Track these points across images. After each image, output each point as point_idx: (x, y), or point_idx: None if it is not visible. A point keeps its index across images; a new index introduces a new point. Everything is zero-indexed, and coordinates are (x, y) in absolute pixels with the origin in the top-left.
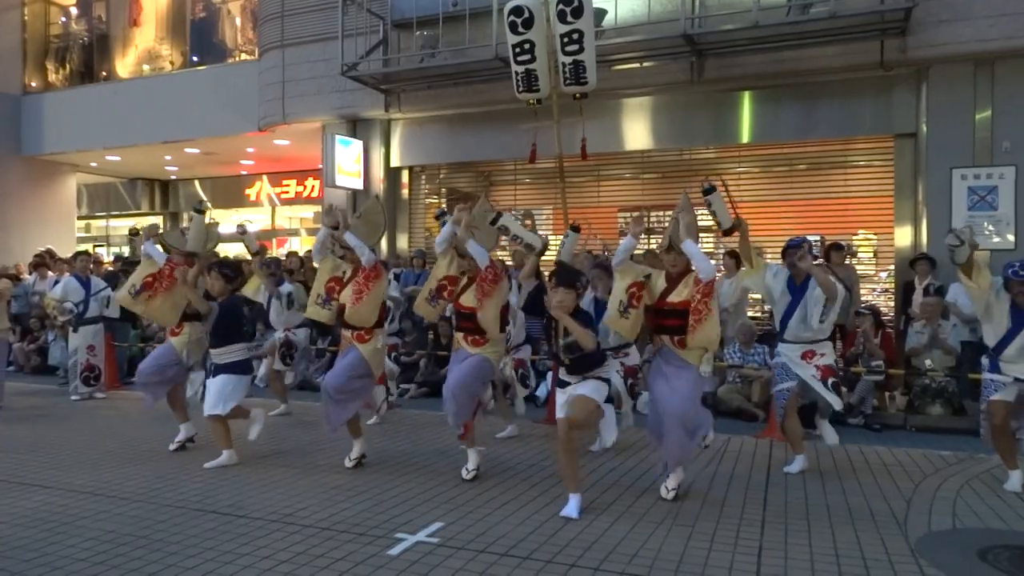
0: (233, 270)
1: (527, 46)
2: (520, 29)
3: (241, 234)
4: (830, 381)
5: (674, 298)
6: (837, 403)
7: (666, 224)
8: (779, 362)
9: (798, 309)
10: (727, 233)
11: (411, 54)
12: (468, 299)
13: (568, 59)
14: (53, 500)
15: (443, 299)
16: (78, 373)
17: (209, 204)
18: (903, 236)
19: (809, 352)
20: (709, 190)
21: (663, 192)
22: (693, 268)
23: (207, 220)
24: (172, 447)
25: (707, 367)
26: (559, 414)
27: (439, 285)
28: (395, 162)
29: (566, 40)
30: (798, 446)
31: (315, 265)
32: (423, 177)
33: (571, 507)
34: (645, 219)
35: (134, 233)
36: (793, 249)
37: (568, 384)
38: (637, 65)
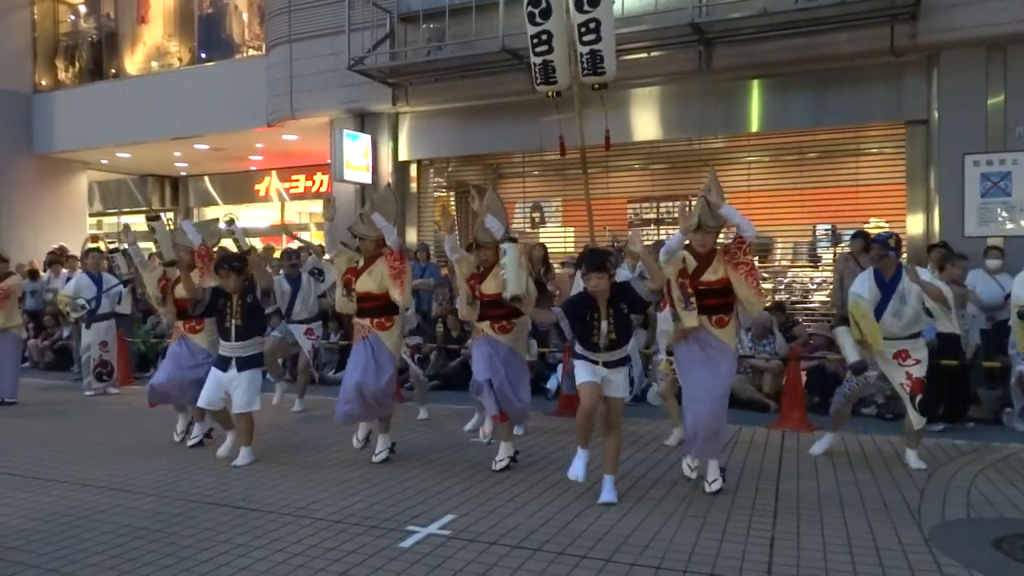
0: (240, 262)
1: (544, 37)
2: (538, 19)
3: (228, 224)
4: (918, 399)
5: (709, 276)
6: (920, 422)
7: (676, 215)
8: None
9: (891, 303)
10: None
11: (418, 47)
12: (489, 287)
13: (586, 49)
14: (69, 495)
15: (476, 298)
16: (91, 369)
17: (161, 213)
18: (915, 224)
19: (902, 352)
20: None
21: (672, 182)
22: (719, 244)
23: (166, 225)
24: (191, 443)
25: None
26: (586, 378)
27: (471, 286)
28: (403, 156)
29: (583, 30)
30: (837, 428)
31: (329, 260)
32: (431, 171)
33: (577, 466)
34: (688, 210)
35: (125, 235)
36: (876, 244)
37: (596, 362)
38: (645, 55)
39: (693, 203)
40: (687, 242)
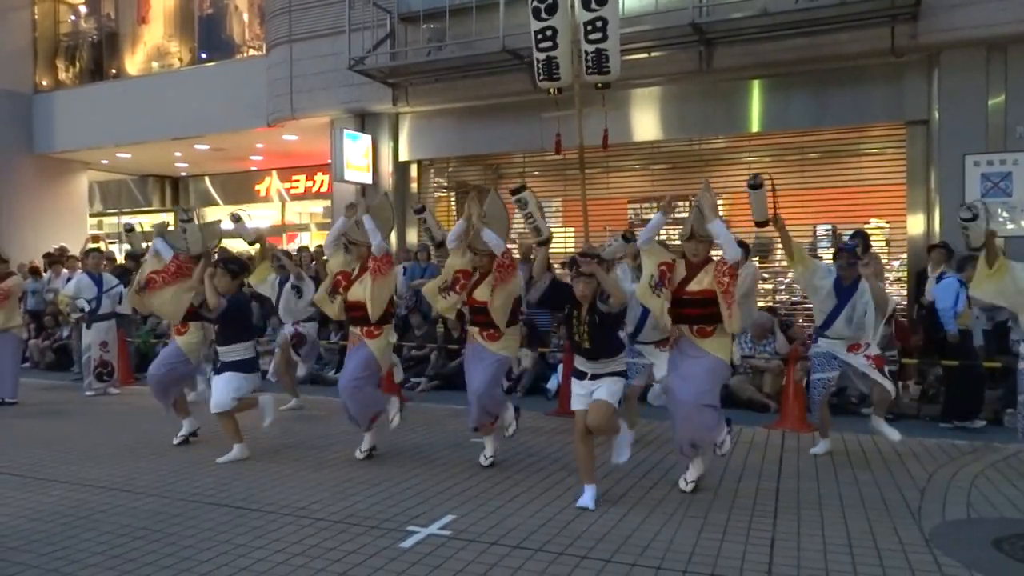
0: (238, 265)
1: (549, 32)
2: (543, 15)
3: (235, 221)
4: (886, 369)
5: (694, 287)
6: (892, 389)
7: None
8: (820, 352)
9: (844, 310)
10: (759, 225)
11: (418, 47)
12: (481, 293)
13: (591, 47)
14: (69, 495)
15: (455, 292)
16: (91, 369)
17: (194, 210)
18: (915, 224)
19: (854, 345)
20: (755, 185)
21: (673, 182)
22: (714, 256)
23: (199, 221)
24: (176, 441)
25: (736, 354)
26: (576, 405)
27: (453, 278)
28: (404, 156)
29: (590, 28)
30: (826, 432)
31: (325, 257)
32: (432, 171)
33: (586, 498)
34: (675, 202)
35: (129, 230)
36: (845, 252)
37: (585, 375)
38: (646, 55)
39: (679, 197)
40: (668, 214)
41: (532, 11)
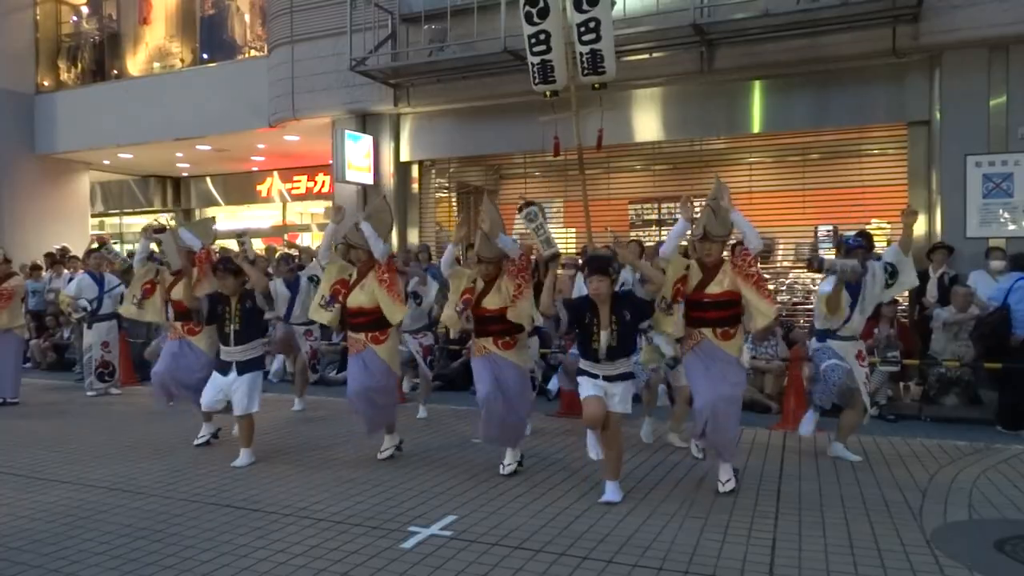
0: (236, 266)
1: (542, 36)
2: (535, 19)
3: (239, 236)
4: (874, 389)
5: (714, 289)
6: (868, 409)
7: (677, 216)
8: (829, 347)
9: (859, 304)
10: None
11: (420, 48)
12: (491, 302)
13: (585, 48)
14: (71, 495)
15: (466, 308)
16: (93, 369)
17: (168, 223)
18: (917, 225)
19: (860, 352)
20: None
21: (674, 183)
22: (726, 256)
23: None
24: (197, 442)
25: (746, 356)
26: (589, 391)
27: (464, 300)
28: (405, 157)
29: (583, 29)
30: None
31: (321, 265)
32: (433, 171)
33: (611, 494)
34: (691, 202)
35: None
36: (860, 249)
37: (596, 376)
38: (647, 56)
39: (695, 200)
40: (690, 219)
41: (524, 16)
